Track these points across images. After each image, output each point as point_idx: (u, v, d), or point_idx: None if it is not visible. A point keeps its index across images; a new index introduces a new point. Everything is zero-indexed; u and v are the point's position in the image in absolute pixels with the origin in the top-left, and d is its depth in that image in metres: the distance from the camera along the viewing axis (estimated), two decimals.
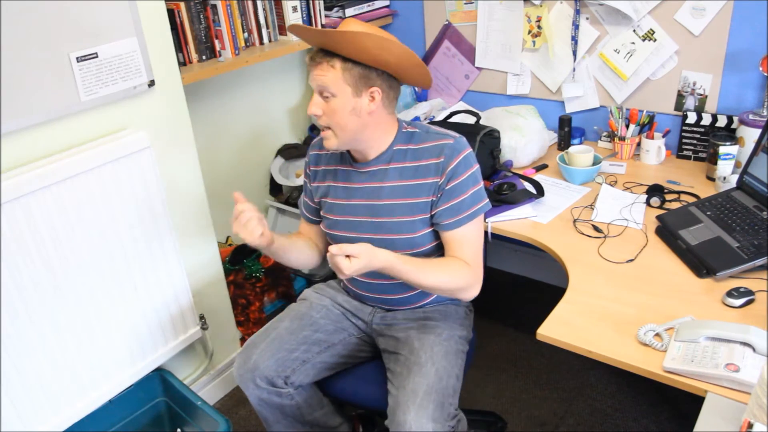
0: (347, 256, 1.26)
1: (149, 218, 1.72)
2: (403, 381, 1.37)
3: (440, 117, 2.34)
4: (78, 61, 1.51)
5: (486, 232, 1.77)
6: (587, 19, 2.16)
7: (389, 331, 1.54)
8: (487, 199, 1.44)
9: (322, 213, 1.56)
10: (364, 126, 1.37)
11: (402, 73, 1.38)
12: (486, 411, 2.02)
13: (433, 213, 1.42)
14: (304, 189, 1.62)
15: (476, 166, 1.42)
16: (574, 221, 1.76)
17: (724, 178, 1.83)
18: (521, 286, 2.68)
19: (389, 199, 1.44)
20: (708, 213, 1.62)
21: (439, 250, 1.48)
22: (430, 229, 1.45)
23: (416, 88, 2.57)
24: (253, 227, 1.36)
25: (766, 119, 1.82)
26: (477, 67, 2.48)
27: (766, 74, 1.83)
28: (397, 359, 1.45)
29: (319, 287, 1.69)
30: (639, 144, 2.10)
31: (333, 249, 1.25)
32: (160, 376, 1.90)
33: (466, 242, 1.42)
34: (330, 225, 1.53)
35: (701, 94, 2.03)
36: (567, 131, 2.20)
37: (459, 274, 1.39)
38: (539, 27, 2.25)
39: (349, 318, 1.61)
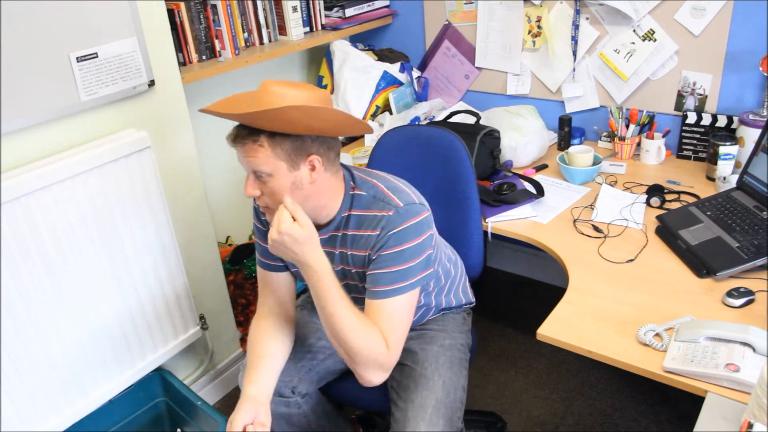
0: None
1: (149, 218, 1.72)
2: (410, 394, 1.36)
3: (440, 117, 2.34)
4: (78, 61, 1.51)
5: (486, 232, 1.77)
6: (587, 19, 2.16)
7: None
8: (417, 277, 1.26)
9: (291, 268, 1.43)
10: (308, 197, 1.23)
11: (338, 133, 1.24)
12: (486, 411, 2.02)
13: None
14: (259, 237, 1.43)
15: (415, 241, 1.24)
16: (574, 221, 1.76)
17: (724, 178, 1.83)
18: (521, 286, 2.67)
19: (341, 264, 1.35)
20: (708, 213, 1.62)
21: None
22: None
23: (416, 88, 2.57)
24: None
25: (766, 119, 1.82)
26: (477, 67, 2.48)
27: (766, 74, 1.83)
28: (402, 369, 1.43)
29: (310, 298, 1.66)
30: (639, 144, 2.10)
31: (288, 203, 1.14)
32: (160, 376, 1.90)
33: (389, 319, 1.24)
34: (298, 275, 1.42)
35: (701, 94, 2.03)
36: (567, 131, 2.20)
37: (375, 342, 1.21)
38: (539, 27, 2.25)
39: None
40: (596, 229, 1.71)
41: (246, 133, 1.16)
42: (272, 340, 1.38)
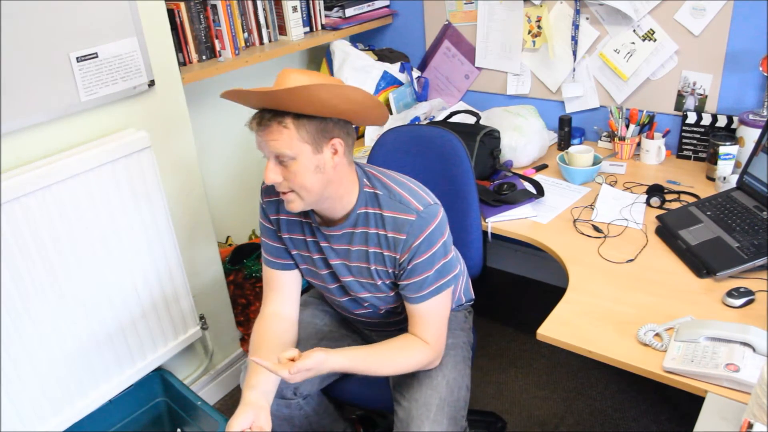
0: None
1: (149, 218, 1.72)
2: (413, 393, 1.36)
3: (440, 117, 2.34)
4: (78, 61, 1.51)
5: (486, 232, 1.77)
6: (587, 19, 2.16)
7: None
8: (455, 272, 1.34)
9: (301, 265, 1.44)
10: (329, 182, 1.23)
11: (359, 118, 1.26)
12: (486, 411, 2.01)
13: (398, 285, 1.33)
14: (267, 236, 1.43)
15: (441, 241, 1.28)
16: (574, 221, 1.76)
17: (724, 178, 1.83)
18: (521, 286, 2.67)
19: (358, 262, 1.34)
20: (708, 213, 1.62)
21: None
22: (390, 293, 1.38)
23: (416, 89, 2.57)
24: None
25: (766, 119, 1.82)
26: (477, 67, 2.48)
27: (766, 74, 1.83)
28: None
29: (317, 292, 1.67)
30: (639, 144, 2.10)
31: (288, 374, 1.18)
32: (160, 376, 1.90)
33: (429, 318, 1.32)
34: (306, 273, 1.45)
35: (701, 94, 2.03)
36: (567, 131, 2.20)
37: (416, 356, 1.31)
38: (539, 27, 2.25)
39: (351, 324, 1.61)
40: (596, 229, 1.71)
41: (270, 115, 1.16)
42: (275, 343, 1.38)
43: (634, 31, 2.08)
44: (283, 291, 1.44)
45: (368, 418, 1.95)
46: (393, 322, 1.48)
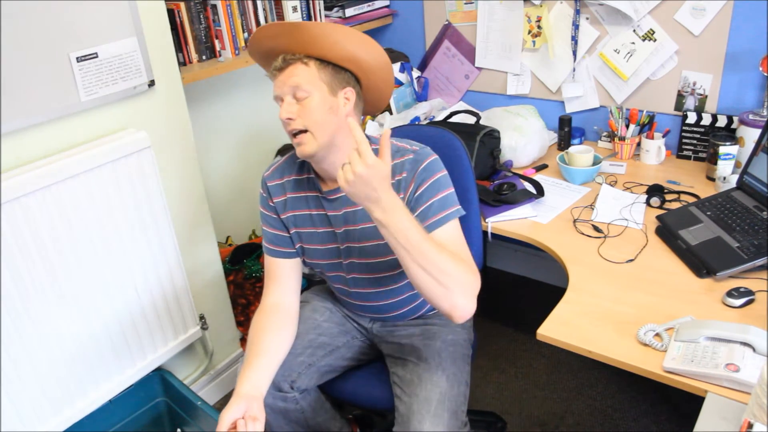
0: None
1: (149, 218, 1.72)
2: (414, 388, 1.36)
3: (440, 117, 2.34)
4: (78, 61, 1.51)
5: (486, 232, 1.77)
6: (587, 19, 2.16)
7: (391, 337, 1.54)
8: (458, 206, 1.32)
9: (304, 245, 1.45)
10: (340, 128, 1.29)
11: (370, 78, 1.32)
12: (486, 411, 2.01)
13: None
14: (268, 224, 1.45)
15: (441, 173, 1.32)
16: (574, 221, 1.76)
17: (724, 178, 1.83)
18: (521, 286, 2.67)
19: (363, 223, 1.36)
20: (708, 213, 1.62)
21: None
22: None
23: (416, 89, 2.57)
24: None
25: (766, 119, 1.82)
26: (477, 67, 2.48)
27: (766, 74, 1.83)
28: (405, 365, 1.44)
29: (321, 288, 1.68)
30: (639, 144, 2.10)
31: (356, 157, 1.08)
32: (160, 376, 1.90)
33: (452, 243, 1.27)
34: (310, 255, 1.46)
35: (701, 94, 2.03)
36: (567, 131, 2.20)
37: (465, 265, 1.20)
38: (539, 27, 2.25)
39: (350, 321, 1.61)
40: (596, 229, 1.71)
41: (294, 56, 1.25)
42: (272, 336, 1.39)
43: (634, 31, 2.08)
44: (283, 281, 1.45)
45: (366, 417, 1.95)
46: (393, 305, 1.48)
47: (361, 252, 1.40)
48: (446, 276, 1.16)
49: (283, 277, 1.46)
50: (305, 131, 1.27)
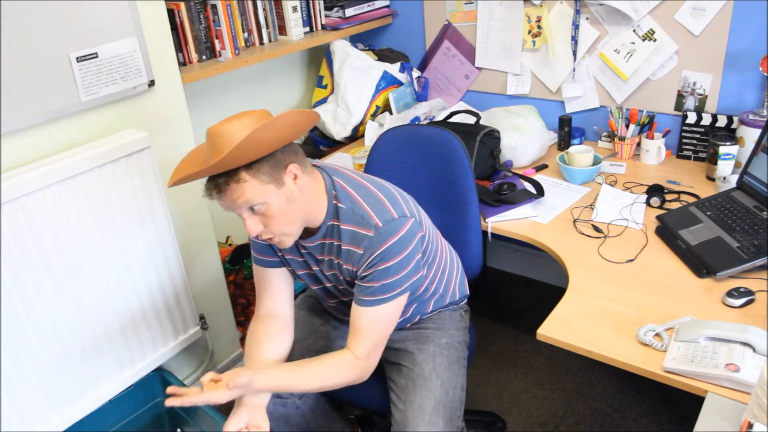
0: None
1: (149, 218, 1.72)
2: (409, 395, 1.36)
3: (440, 117, 2.34)
4: (78, 61, 1.51)
5: (486, 232, 1.77)
6: (587, 19, 2.16)
7: None
8: (405, 285, 1.30)
9: (291, 267, 1.44)
10: (303, 206, 1.25)
11: (297, 133, 1.24)
12: (486, 411, 2.02)
13: (360, 282, 1.32)
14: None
15: (397, 258, 1.26)
16: (574, 221, 1.76)
17: (724, 178, 1.83)
18: (521, 286, 2.67)
19: (329, 270, 1.37)
20: (708, 213, 1.62)
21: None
22: None
23: (416, 89, 2.57)
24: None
25: (766, 119, 1.82)
26: (477, 67, 2.48)
27: (766, 74, 1.83)
28: (400, 370, 1.44)
29: (314, 291, 1.67)
30: (639, 144, 2.10)
31: (227, 392, 1.22)
32: (160, 376, 1.90)
33: (365, 327, 1.30)
34: (294, 273, 1.45)
35: (701, 94, 2.03)
36: (567, 131, 2.20)
37: (340, 374, 1.30)
38: (539, 27, 2.25)
39: (347, 324, 1.60)
40: (596, 229, 1.71)
41: (224, 179, 1.16)
42: (269, 345, 1.39)
43: (634, 31, 2.08)
44: (275, 290, 1.44)
45: (367, 417, 1.95)
46: None
47: (341, 292, 1.41)
48: (330, 389, 1.33)
49: (274, 286, 1.44)
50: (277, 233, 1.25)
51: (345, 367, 1.30)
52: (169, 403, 1.22)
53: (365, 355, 1.31)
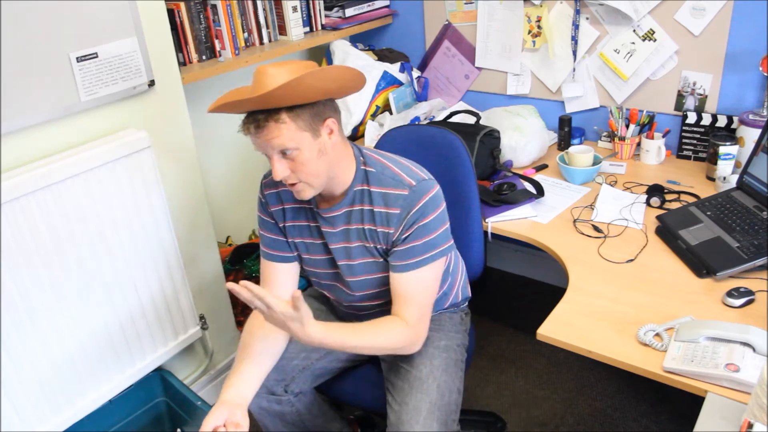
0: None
1: (149, 218, 1.72)
2: (404, 396, 1.36)
3: (440, 117, 2.34)
4: (78, 61, 1.51)
5: (486, 232, 1.77)
6: (587, 19, 2.16)
7: None
8: (444, 246, 1.33)
9: (302, 254, 1.44)
10: (332, 163, 1.27)
11: (342, 92, 1.28)
12: (486, 411, 2.02)
13: (387, 257, 1.34)
14: (266, 229, 1.44)
15: (435, 213, 1.30)
16: (574, 221, 1.76)
17: (724, 178, 1.83)
18: (521, 286, 2.67)
19: (358, 241, 1.35)
20: (708, 213, 1.62)
21: None
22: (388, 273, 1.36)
23: (416, 89, 2.57)
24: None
25: (766, 119, 1.82)
26: (477, 67, 2.48)
27: (766, 74, 1.83)
28: (397, 371, 1.44)
29: (315, 291, 1.66)
30: (639, 144, 2.10)
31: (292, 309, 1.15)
32: (160, 376, 1.90)
33: (411, 293, 1.30)
34: (308, 264, 1.45)
35: (701, 94, 2.03)
36: (567, 131, 2.20)
37: (393, 337, 1.29)
38: (539, 27, 2.25)
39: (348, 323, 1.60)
40: (596, 229, 1.71)
41: (264, 115, 1.18)
42: (262, 341, 1.38)
43: (634, 31, 2.08)
44: (279, 285, 1.44)
45: (367, 418, 1.95)
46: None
47: (358, 270, 1.38)
48: (382, 352, 1.36)
49: (279, 281, 1.44)
50: (300, 181, 1.26)
51: (398, 331, 1.29)
52: (231, 286, 1.21)
53: (415, 321, 1.30)
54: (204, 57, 2.04)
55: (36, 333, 1.53)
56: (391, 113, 2.46)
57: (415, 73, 2.59)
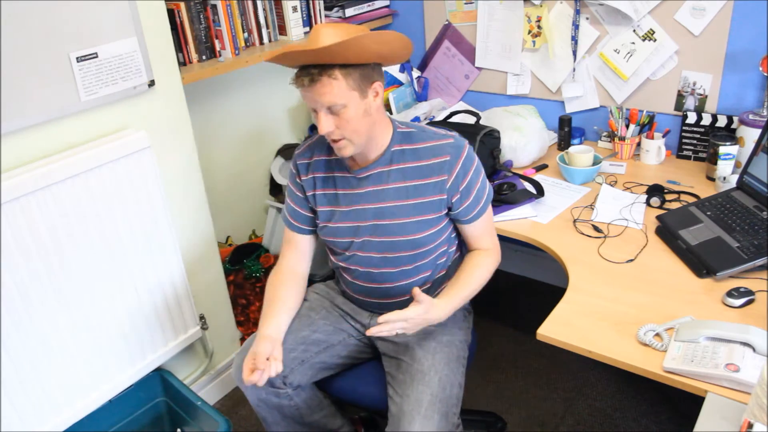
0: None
1: (149, 218, 1.72)
2: (406, 389, 1.37)
3: (440, 117, 2.34)
4: (78, 61, 1.51)
5: None
6: (587, 19, 2.16)
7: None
8: (489, 185, 1.51)
9: (319, 222, 1.51)
10: (374, 124, 1.37)
11: (390, 58, 1.37)
12: (486, 411, 2.02)
13: (451, 211, 1.46)
14: (292, 199, 1.55)
15: (477, 159, 1.46)
16: (574, 221, 1.76)
17: (724, 178, 1.83)
18: (521, 286, 2.67)
19: (394, 201, 1.43)
20: (708, 213, 1.62)
21: (440, 248, 1.49)
22: (435, 229, 1.45)
23: (416, 88, 2.57)
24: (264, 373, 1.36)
25: (766, 119, 1.82)
26: (477, 67, 2.48)
27: (766, 74, 1.83)
28: (399, 365, 1.44)
29: (318, 288, 1.68)
30: (639, 144, 2.10)
31: (388, 325, 1.31)
32: (160, 376, 1.90)
33: (486, 230, 1.51)
34: (330, 233, 1.50)
35: (701, 94, 2.03)
36: (567, 131, 2.20)
37: (490, 264, 1.49)
38: (539, 27, 2.25)
39: (348, 320, 1.61)
40: (596, 229, 1.71)
41: (318, 70, 1.25)
42: (287, 289, 1.52)
43: (634, 31, 2.08)
44: (299, 250, 1.58)
45: (371, 420, 1.94)
46: (402, 287, 1.50)
47: (386, 230, 1.45)
48: (485, 280, 1.49)
49: (299, 247, 1.58)
50: (342, 138, 1.34)
51: (488, 260, 1.50)
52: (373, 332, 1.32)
53: (494, 244, 1.54)
54: (204, 57, 2.04)
55: (36, 333, 1.53)
56: (391, 113, 2.46)
57: (415, 73, 2.59)
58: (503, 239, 1.85)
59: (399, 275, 1.49)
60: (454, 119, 2.25)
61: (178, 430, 1.91)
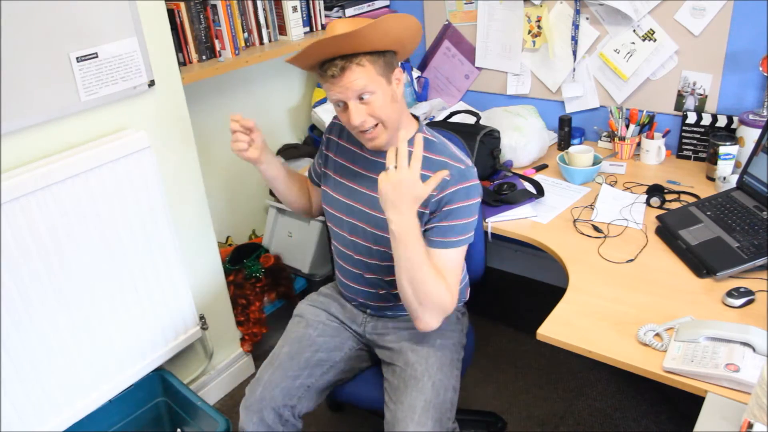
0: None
1: (149, 218, 1.72)
2: (400, 395, 1.36)
3: (440, 117, 2.34)
4: (78, 61, 1.51)
5: (486, 232, 1.77)
6: (587, 19, 2.16)
7: (382, 341, 1.53)
8: (472, 234, 1.38)
9: (322, 186, 1.56)
10: (400, 112, 1.38)
11: (407, 46, 1.37)
12: (486, 411, 2.02)
13: (425, 227, 1.36)
14: (319, 152, 1.62)
15: (476, 200, 1.37)
16: (574, 221, 1.76)
17: (724, 178, 1.83)
18: (521, 286, 2.67)
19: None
20: (708, 213, 1.62)
21: None
22: None
23: (416, 89, 2.57)
24: (238, 141, 1.46)
25: (766, 119, 1.82)
26: (477, 67, 2.48)
27: (766, 74, 1.83)
28: (393, 371, 1.44)
29: (312, 298, 1.66)
30: (639, 144, 2.10)
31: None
32: (160, 376, 1.90)
33: (448, 267, 1.34)
34: (327, 201, 1.54)
35: (701, 94, 2.03)
36: (567, 131, 2.20)
37: (443, 289, 1.30)
38: (539, 27, 2.25)
39: (346, 329, 1.60)
40: (596, 229, 1.71)
41: (345, 60, 1.26)
42: (301, 186, 1.67)
43: (634, 31, 2.08)
44: (311, 193, 1.70)
45: None
46: (390, 282, 1.48)
47: (373, 222, 1.44)
48: (426, 297, 1.29)
49: (312, 193, 1.70)
50: (376, 125, 1.34)
51: (445, 291, 1.31)
52: None
53: (453, 289, 1.34)
54: (204, 57, 2.04)
55: (36, 333, 1.53)
56: None
57: (415, 73, 2.59)
58: (503, 239, 1.85)
59: (388, 270, 1.45)
60: (454, 119, 2.25)
61: (178, 430, 1.91)
